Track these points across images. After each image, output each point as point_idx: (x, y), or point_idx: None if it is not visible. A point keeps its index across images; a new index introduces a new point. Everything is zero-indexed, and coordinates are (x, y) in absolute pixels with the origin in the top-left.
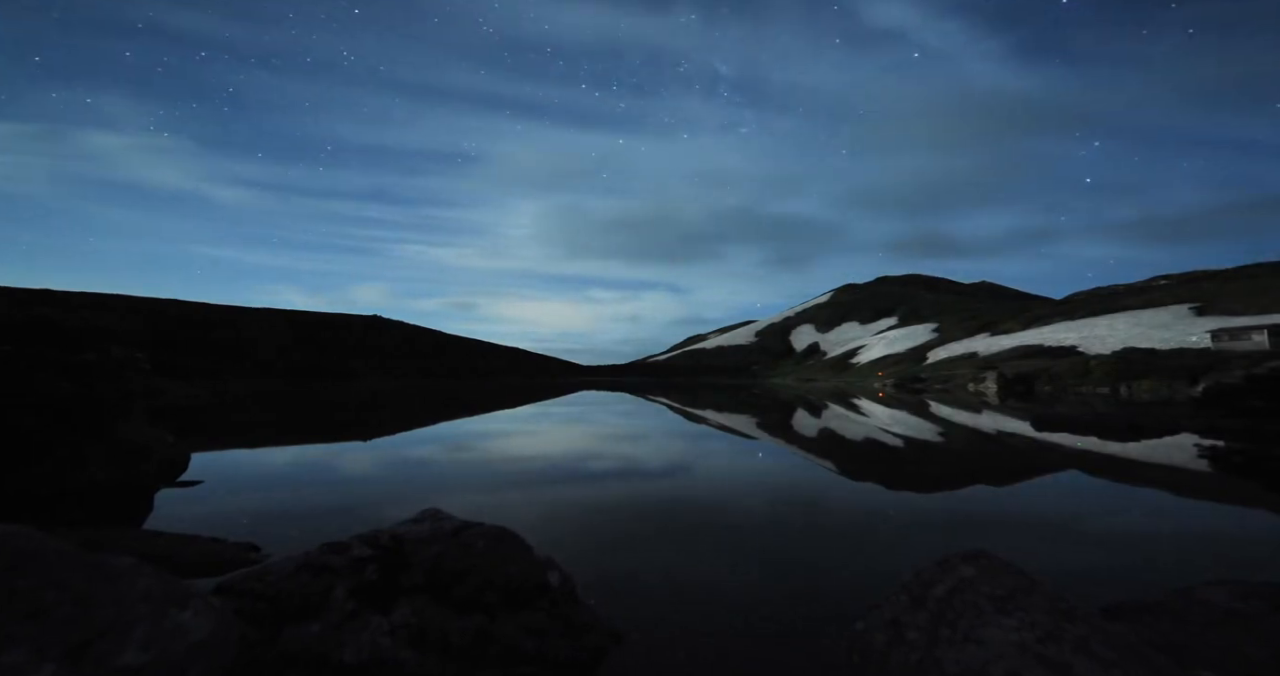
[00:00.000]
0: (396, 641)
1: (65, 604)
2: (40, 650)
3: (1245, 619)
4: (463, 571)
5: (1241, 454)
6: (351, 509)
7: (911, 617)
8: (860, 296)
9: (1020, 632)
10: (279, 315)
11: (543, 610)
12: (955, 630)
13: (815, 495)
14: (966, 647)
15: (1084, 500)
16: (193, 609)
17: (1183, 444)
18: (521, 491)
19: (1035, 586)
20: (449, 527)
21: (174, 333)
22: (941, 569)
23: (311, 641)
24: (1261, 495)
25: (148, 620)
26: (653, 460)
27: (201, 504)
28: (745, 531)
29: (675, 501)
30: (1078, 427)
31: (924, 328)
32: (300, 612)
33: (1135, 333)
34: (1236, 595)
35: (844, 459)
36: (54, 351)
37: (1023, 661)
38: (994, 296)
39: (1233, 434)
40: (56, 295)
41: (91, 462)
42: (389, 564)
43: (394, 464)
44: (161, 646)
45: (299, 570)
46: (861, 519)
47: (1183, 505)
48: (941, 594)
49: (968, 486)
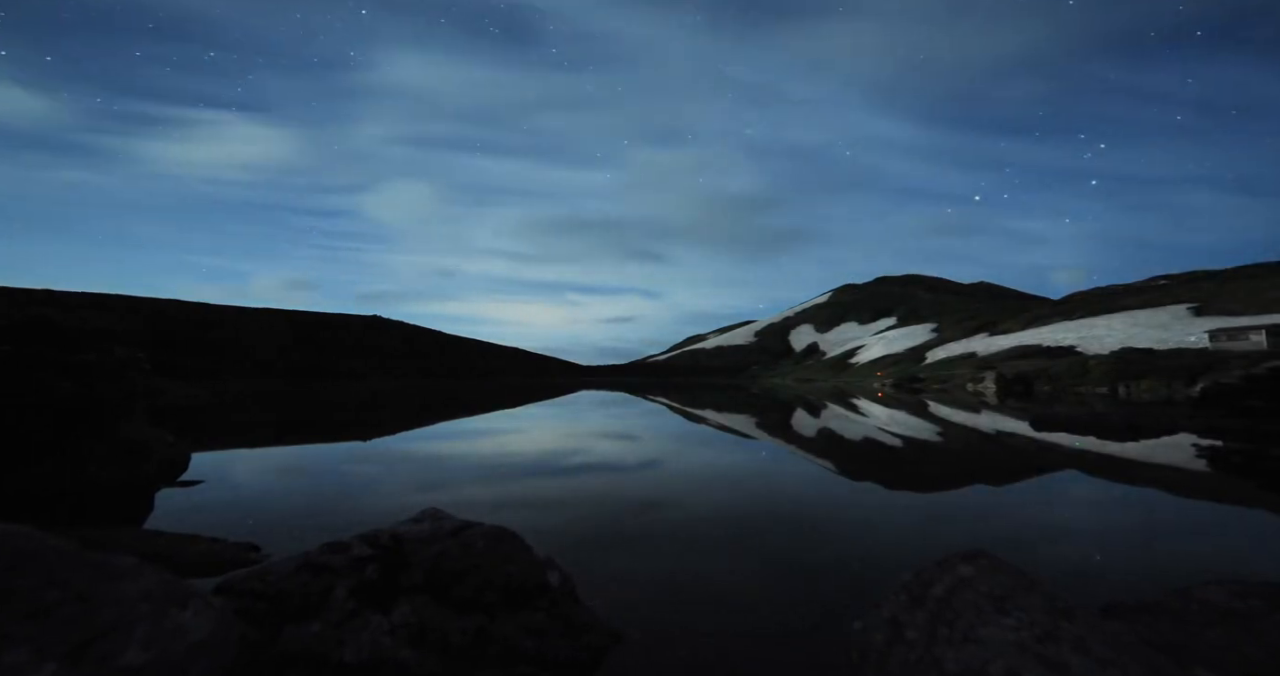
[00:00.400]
0: (397, 641)
1: (66, 603)
2: (41, 649)
3: (1243, 618)
4: (462, 571)
5: (1239, 454)
6: (351, 508)
7: (911, 617)
8: (859, 296)
9: (1019, 632)
10: (278, 315)
11: (542, 610)
12: (954, 629)
13: (815, 495)
14: (965, 646)
15: (1082, 500)
16: (193, 608)
17: (1181, 444)
18: (521, 491)
19: (1034, 586)
20: (449, 527)
21: (174, 333)
22: (940, 568)
23: (312, 641)
24: (1259, 494)
25: (149, 620)
26: (652, 460)
27: (202, 504)
28: (744, 531)
29: (675, 501)
30: (1076, 428)
31: (923, 328)
32: (300, 612)
33: (1134, 333)
34: (1234, 594)
35: (844, 459)
36: (54, 351)
37: (1021, 660)
38: (993, 296)
39: (1231, 434)
40: (56, 295)
41: (92, 462)
42: (389, 563)
43: (394, 463)
44: (162, 646)
45: (299, 570)
46: (860, 518)
47: (1181, 505)
48: (940, 593)
49: (966, 486)
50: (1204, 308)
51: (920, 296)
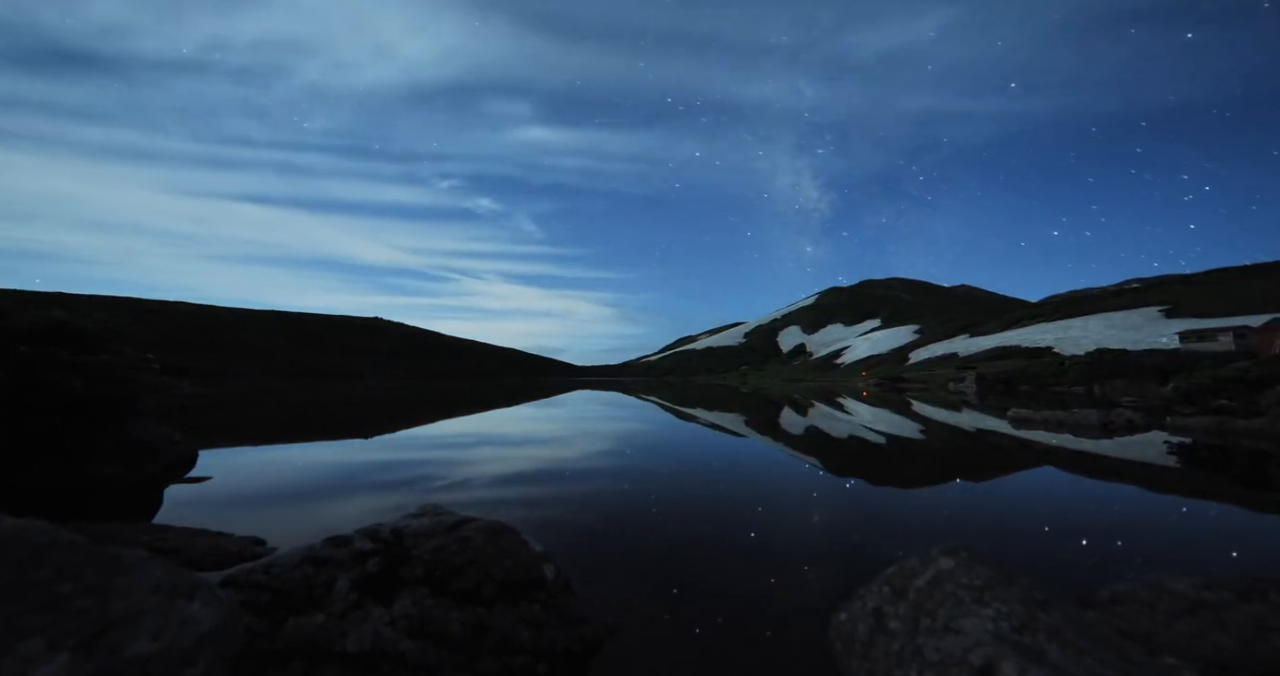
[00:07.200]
0: (397, 632)
1: (79, 595)
2: (54, 640)
3: (1212, 608)
4: (461, 564)
5: (1207, 450)
6: (354, 504)
7: (893, 607)
8: (844, 299)
9: (997, 622)
10: (284, 317)
11: (539, 602)
12: (935, 619)
13: (802, 491)
14: (946, 636)
15: (1058, 495)
16: (201, 600)
17: (1152, 441)
18: (518, 487)
19: (1012, 578)
20: (448, 522)
21: (183, 334)
22: (922, 561)
23: (315, 631)
24: (1226, 489)
25: (158, 611)
26: (644, 457)
27: (209, 499)
28: (734, 525)
29: (667, 497)
30: (1052, 426)
31: (906, 329)
32: (304, 604)
33: (1108, 334)
34: (1204, 585)
35: (830, 456)
36: (67, 352)
37: (999, 649)
38: (974, 298)
39: (1200, 432)
40: (69, 297)
41: (103, 459)
42: (390, 557)
43: (395, 460)
44: (171, 636)
45: (303, 562)
46: (846, 514)
47: (1152, 499)
48: (922, 585)
49: (948, 482)
50: (1175, 310)
51: (903, 298)
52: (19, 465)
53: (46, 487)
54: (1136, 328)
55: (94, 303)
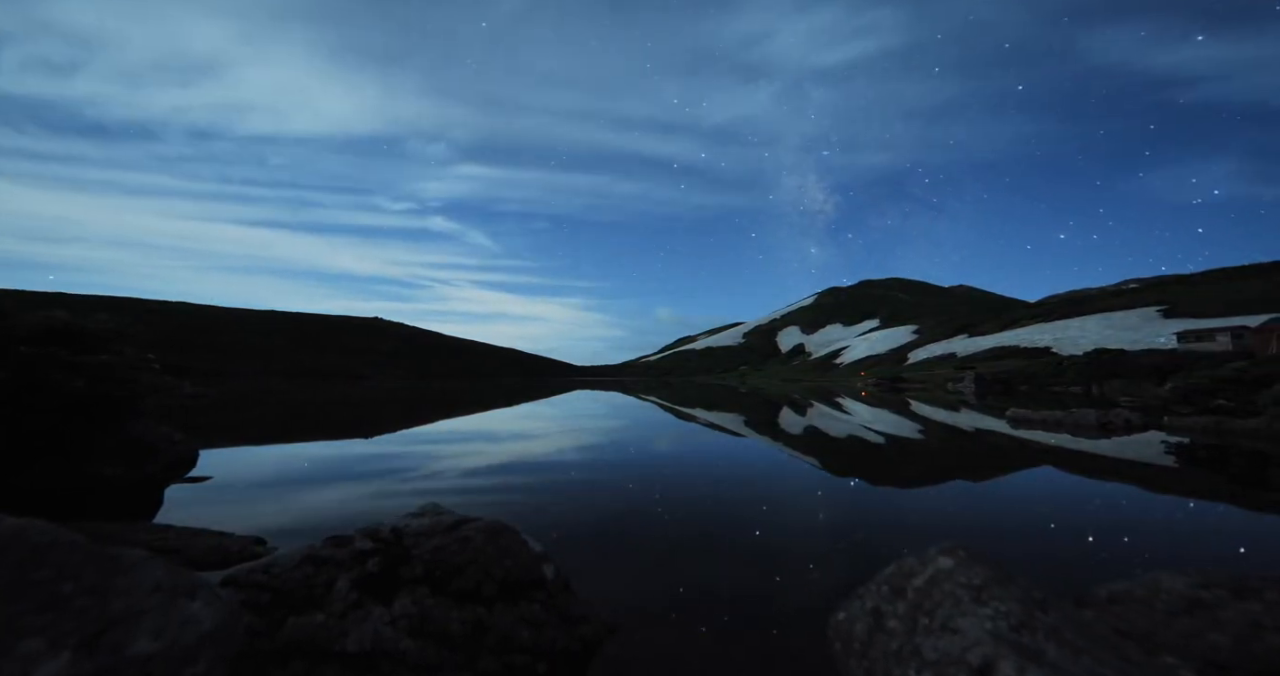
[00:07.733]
0: (397, 631)
1: (80, 595)
2: (56, 639)
3: (1208, 607)
4: (461, 564)
5: (1204, 450)
6: (354, 503)
7: (892, 607)
8: (843, 299)
9: (995, 621)
10: (283, 317)
11: (538, 601)
12: (934, 619)
13: (801, 491)
14: (945, 635)
15: (1056, 494)
16: (201, 600)
17: (1150, 441)
18: (518, 486)
19: (1010, 577)
20: (448, 521)
21: (183, 334)
22: (921, 560)
23: (315, 631)
24: (1223, 488)
25: (158, 611)
26: (644, 457)
27: (209, 499)
28: (734, 525)
29: (666, 496)
30: (1050, 426)
31: (905, 329)
32: (305, 603)
33: (1106, 334)
34: (1200, 584)
35: (829, 456)
36: (68, 352)
37: (997, 649)
38: (972, 298)
39: (1197, 432)
40: (69, 298)
41: (104, 459)
42: (390, 556)
43: (395, 460)
44: (171, 636)
45: (303, 562)
46: (845, 513)
47: (1149, 499)
48: (921, 584)
49: (946, 482)
50: (1172, 310)
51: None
52: (19, 465)
53: (47, 487)
54: (1134, 328)
55: (94, 303)
